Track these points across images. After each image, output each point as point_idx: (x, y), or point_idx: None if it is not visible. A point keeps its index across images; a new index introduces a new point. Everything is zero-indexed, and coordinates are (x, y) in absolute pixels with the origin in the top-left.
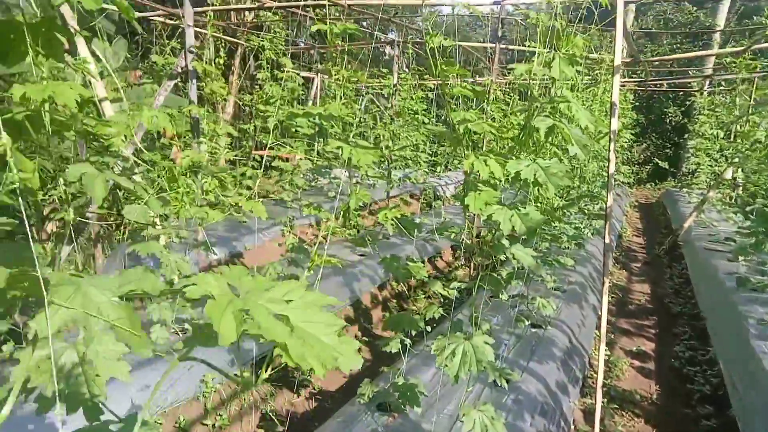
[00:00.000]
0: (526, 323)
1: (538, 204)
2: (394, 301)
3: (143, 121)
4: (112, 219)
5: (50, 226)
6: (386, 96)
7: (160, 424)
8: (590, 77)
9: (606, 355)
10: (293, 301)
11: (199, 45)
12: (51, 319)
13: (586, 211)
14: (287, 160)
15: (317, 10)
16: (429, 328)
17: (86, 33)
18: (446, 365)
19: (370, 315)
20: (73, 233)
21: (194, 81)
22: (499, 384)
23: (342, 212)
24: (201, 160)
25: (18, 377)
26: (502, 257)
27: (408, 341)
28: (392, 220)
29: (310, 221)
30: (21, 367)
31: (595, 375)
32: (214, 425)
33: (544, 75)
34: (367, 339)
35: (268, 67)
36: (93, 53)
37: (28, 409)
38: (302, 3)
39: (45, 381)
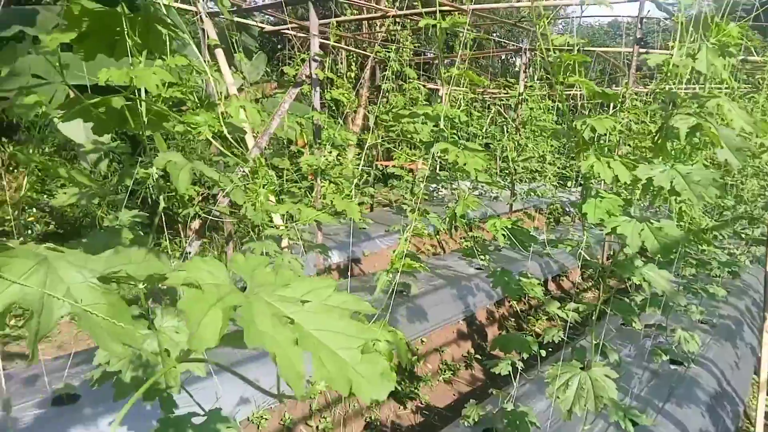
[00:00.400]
0: (664, 358)
1: (681, 222)
2: (512, 320)
3: (231, 112)
4: (232, 217)
5: (195, 223)
6: (513, 107)
7: (266, 419)
8: (750, 84)
9: (767, 405)
10: (310, 302)
11: (323, 54)
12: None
13: (743, 235)
14: (411, 170)
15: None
16: (544, 353)
17: (214, 41)
18: (558, 397)
19: (485, 332)
20: (208, 230)
21: (317, 89)
22: (623, 427)
23: (448, 219)
24: (319, 164)
25: (101, 360)
26: (636, 280)
27: (520, 364)
28: (503, 230)
29: (428, 230)
30: (103, 351)
31: (751, 428)
32: (317, 427)
33: (689, 74)
34: (479, 357)
35: (393, 78)
36: (235, 66)
37: None
38: (423, 10)
39: (123, 367)
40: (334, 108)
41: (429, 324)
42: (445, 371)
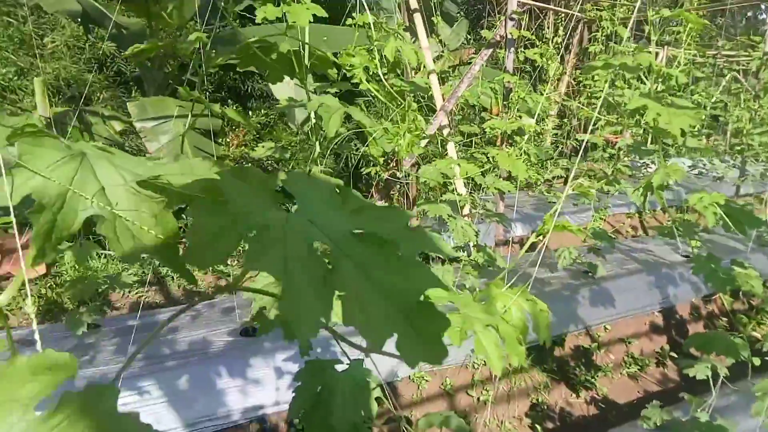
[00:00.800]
0: None
1: None
2: (724, 319)
3: (386, 52)
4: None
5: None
6: (755, 72)
7: (427, 381)
8: None
9: None
10: (363, 232)
11: (520, 12)
12: (15, 191)
13: None
14: (613, 144)
15: None
16: (758, 362)
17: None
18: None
19: (686, 329)
20: (398, 195)
21: (511, 50)
22: None
23: (642, 190)
24: (504, 128)
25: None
26: None
27: (724, 371)
28: (712, 206)
29: (629, 209)
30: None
31: None
32: (478, 399)
33: None
34: (675, 355)
35: (603, 40)
36: (435, 32)
37: None
38: None
39: (268, 304)
40: (531, 71)
41: (615, 311)
42: (630, 365)
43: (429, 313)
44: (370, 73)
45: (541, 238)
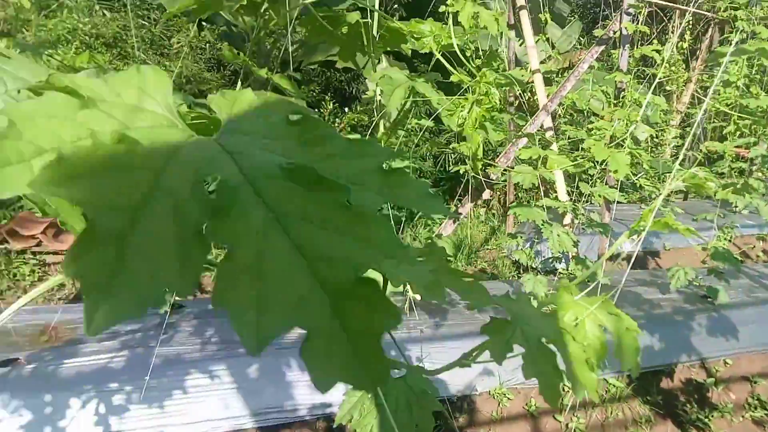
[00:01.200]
0: None
1: None
2: None
3: (461, 18)
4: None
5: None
6: None
7: (509, 399)
8: None
9: None
10: (304, 166)
11: (638, 6)
12: None
13: None
14: (744, 158)
15: None
16: None
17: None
18: None
19: None
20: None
21: (626, 46)
22: None
23: None
24: (610, 130)
25: None
26: None
27: None
28: None
29: (760, 231)
30: None
31: None
32: (567, 425)
33: None
34: None
35: (738, 42)
36: (542, 31)
37: None
38: None
39: None
40: (648, 73)
41: (738, 344)
42: (755, 408)
43: (370, 298)
44: (442, 44)
45: (635, 237)
